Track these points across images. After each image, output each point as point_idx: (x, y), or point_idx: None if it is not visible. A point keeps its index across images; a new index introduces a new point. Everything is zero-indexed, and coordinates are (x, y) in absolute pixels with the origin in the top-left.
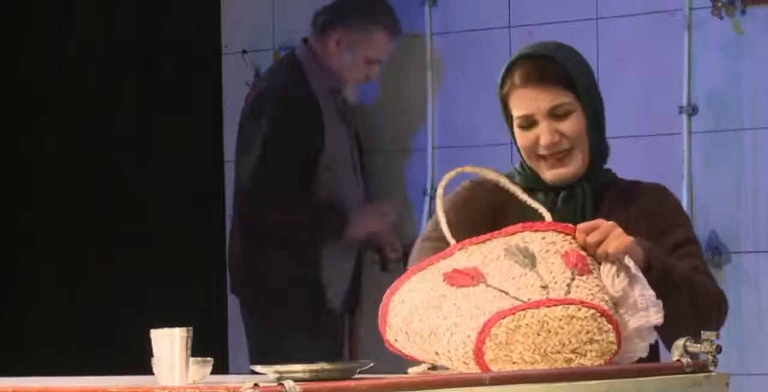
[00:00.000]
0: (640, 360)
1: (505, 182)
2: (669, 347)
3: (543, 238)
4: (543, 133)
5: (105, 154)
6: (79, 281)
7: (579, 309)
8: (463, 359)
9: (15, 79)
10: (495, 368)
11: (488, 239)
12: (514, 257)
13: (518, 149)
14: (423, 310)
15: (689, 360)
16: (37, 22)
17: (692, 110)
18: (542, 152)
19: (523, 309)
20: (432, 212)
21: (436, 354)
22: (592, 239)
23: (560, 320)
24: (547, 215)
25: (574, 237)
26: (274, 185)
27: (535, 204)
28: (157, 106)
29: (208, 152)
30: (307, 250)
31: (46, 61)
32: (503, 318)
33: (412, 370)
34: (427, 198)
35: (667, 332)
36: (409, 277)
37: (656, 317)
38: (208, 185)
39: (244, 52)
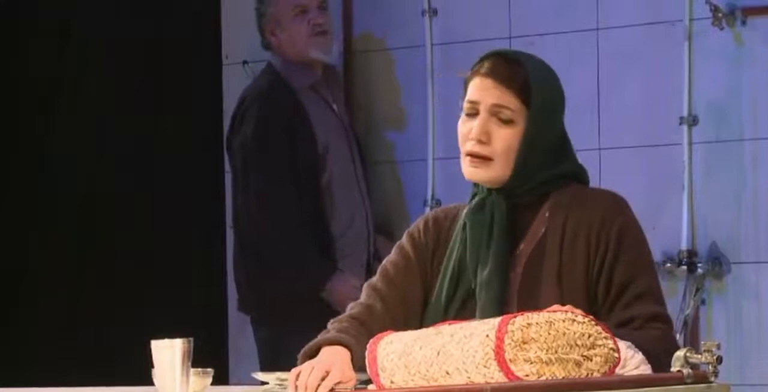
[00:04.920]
0: None
1: None
2: None
3: None
4: (476, 125)
5: (104, 169)
6: (80, 291)
7: (576, 315)
8: (483, 362)
9: (14, 83)
10: (515, 368)
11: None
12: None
13: None
14: (422, 339)
15: (690, 370)
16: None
17: (693, 121)
18: (468, 147)
19: (529, 311)
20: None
21: (447, 373)
22: None
23: (564, 321)
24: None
25: None
26: (268, 201)
27: None
28: (157, 116)
29: (208, 164)
30: (315, 267)
31: (46, 71)
32: (515, 318)
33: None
34: (427, 209)
35: None
36: (390, 332)
37: (640, 357)
38: (208, 196)
39: (244, 62)
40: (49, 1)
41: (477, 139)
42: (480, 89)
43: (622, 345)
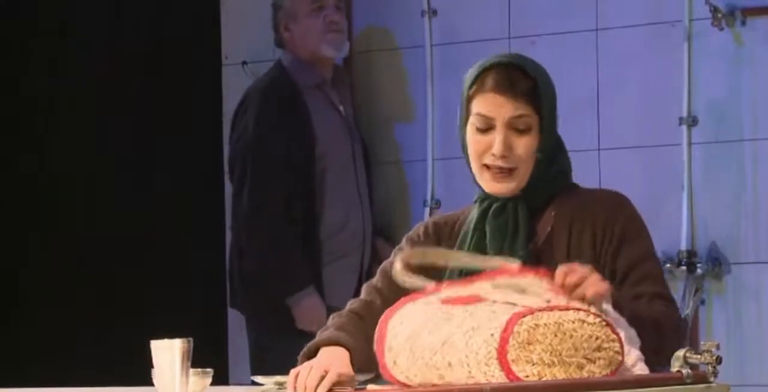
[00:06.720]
0: None
1: (457, 263)
2: None
3: (524, 279)
4: (498, 141)
5: (104, 171)
6: (80, 291)
7: (588, 315)
8: (485, 360)
9: (14, 83)
10: (516, 368)
11: (471, 281)
12: (505, 287)
13: (465, 155)
14: (432, 324)
15: (689, 371)
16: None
17: (692, 121)
18: (489, 160)
19: (540, 310)
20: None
21: (449, 365)
22: (570, 280)
23: (573, 323)
24: (516, 265)
25: (550, 280)
26: (262, 203)
27: (495, 263)
28: (157, 116)
29: (208, 166)
30: (308, 265)
31: (46, 71)
32: (524, 317)
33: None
34: (427, 209)
35: None
36: (403, 304)
37: (636, 354)
38: (208, 196)
39: (244, 63)
40: (49, 1)
41: (501, 155)
42: (493, 105)
43: (623, 337)
